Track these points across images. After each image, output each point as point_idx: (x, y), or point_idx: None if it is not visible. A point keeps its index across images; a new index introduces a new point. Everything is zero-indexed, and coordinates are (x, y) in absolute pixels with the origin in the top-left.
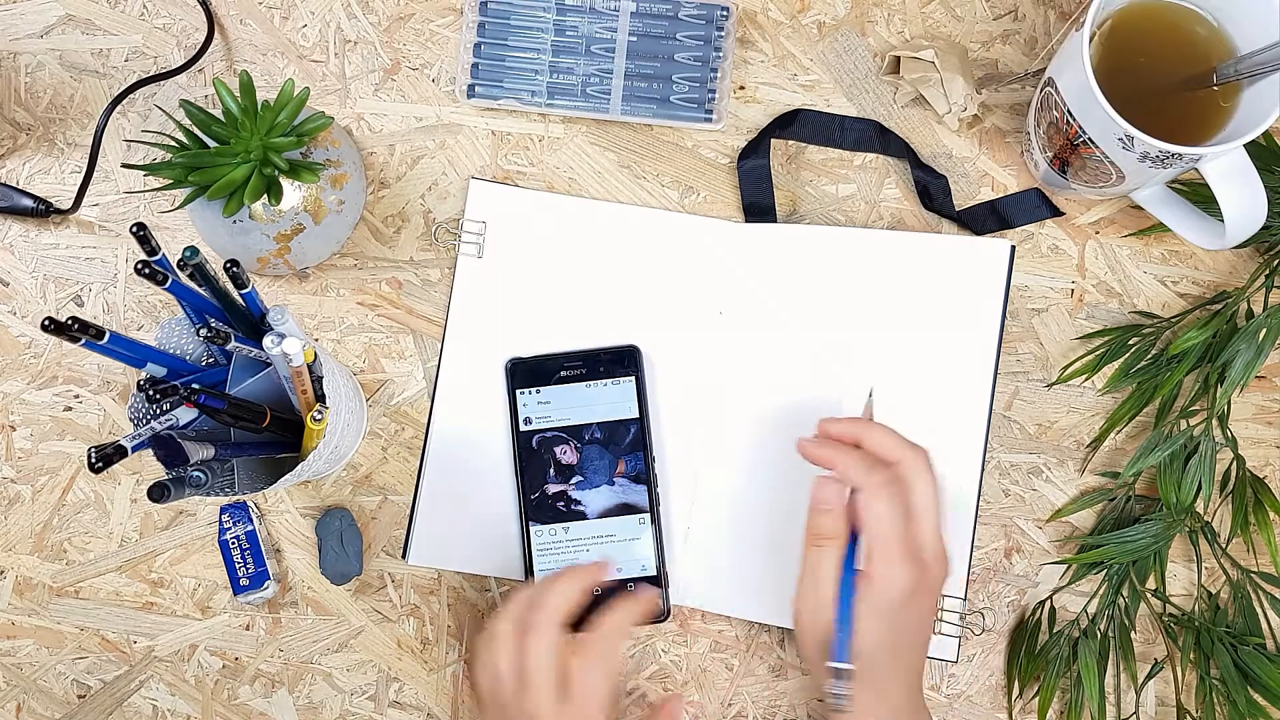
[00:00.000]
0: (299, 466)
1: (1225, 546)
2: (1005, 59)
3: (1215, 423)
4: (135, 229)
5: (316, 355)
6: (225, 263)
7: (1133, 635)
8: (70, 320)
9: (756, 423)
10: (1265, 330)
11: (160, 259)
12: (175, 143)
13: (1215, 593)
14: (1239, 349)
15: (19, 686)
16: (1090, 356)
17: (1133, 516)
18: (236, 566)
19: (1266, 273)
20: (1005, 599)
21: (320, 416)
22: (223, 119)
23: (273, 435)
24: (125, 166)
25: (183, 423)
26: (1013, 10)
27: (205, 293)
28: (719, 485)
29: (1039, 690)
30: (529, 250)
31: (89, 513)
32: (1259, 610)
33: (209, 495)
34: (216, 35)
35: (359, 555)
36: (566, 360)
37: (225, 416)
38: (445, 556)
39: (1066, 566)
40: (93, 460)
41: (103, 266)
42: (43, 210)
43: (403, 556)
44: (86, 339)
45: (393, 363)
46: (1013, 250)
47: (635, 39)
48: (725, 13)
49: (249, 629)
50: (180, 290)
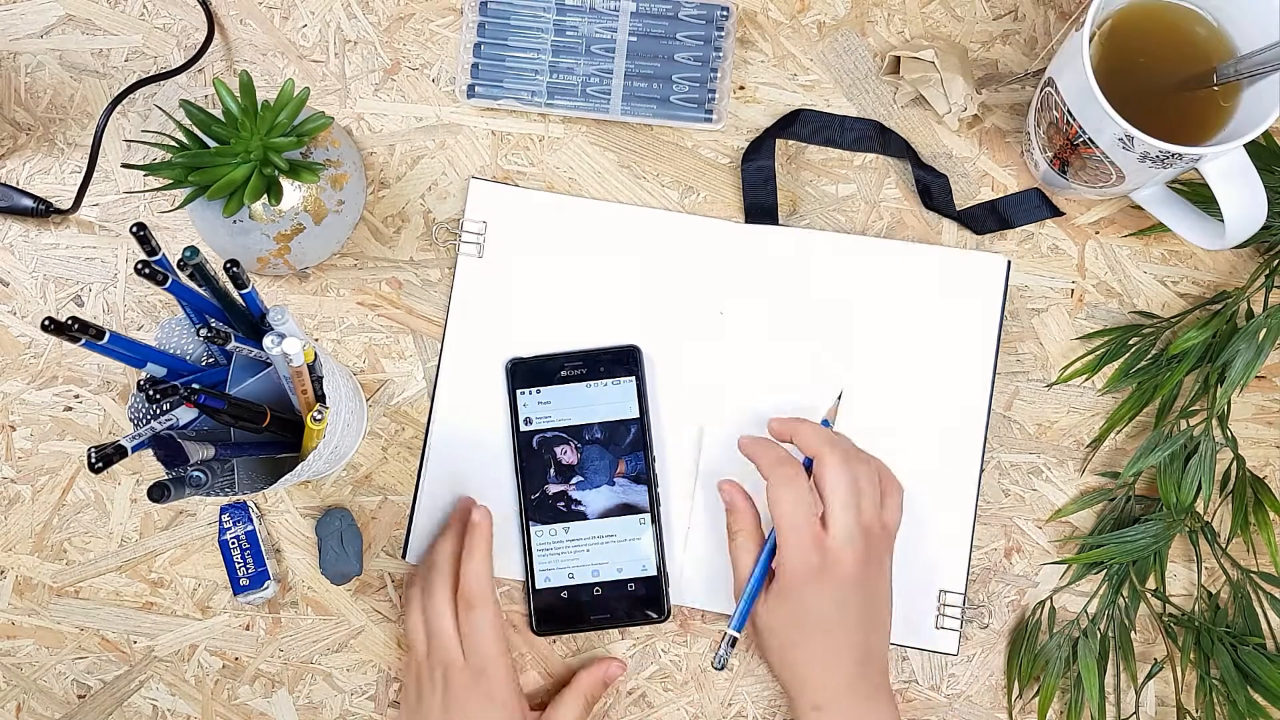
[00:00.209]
0: (299, 466)
1: (1225, 546)
2: (1005, 59)
3: (1215, 423)
4: (135, 229)
5: (316, 355)
6: (225, 263)
7: (1133, 635)
8: (70, 320)
9: (756, 423)
10: (1265, 330)
11: (160, 259)
12: (175, 143)
13: (1215, 593)
14: (1239, 349)
15: (19, 686)
16: (1090, 356)
17: (1133, 516)
18: (236, 566)
19: (1266, 273)
20: (1005, 599)
21: (320, 416)
22: (223, 119)
23: (273, 435)
24: (125, 166)
25: (183, 423)
26: (1013, 10)
27: (205, 293)
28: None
29: (1039, 690)
30: (529, 250)
31: (89, 513)
32: (1259, 610)
33: (209, 495)
34: (216, 35)
35: (359, 555)
36: (567, 360)
37: (225, 416)
38: None
39: (1066, 566)
40: (93, 460)
41: (103, 266)
42: (43, 210)
43: (403, 556)
44: (86, 339)
45: (393, 363)
46: (1009, 264)
47: (635, 39)
48: (725, 13)
49: (249, 629)
50: (180, 290)
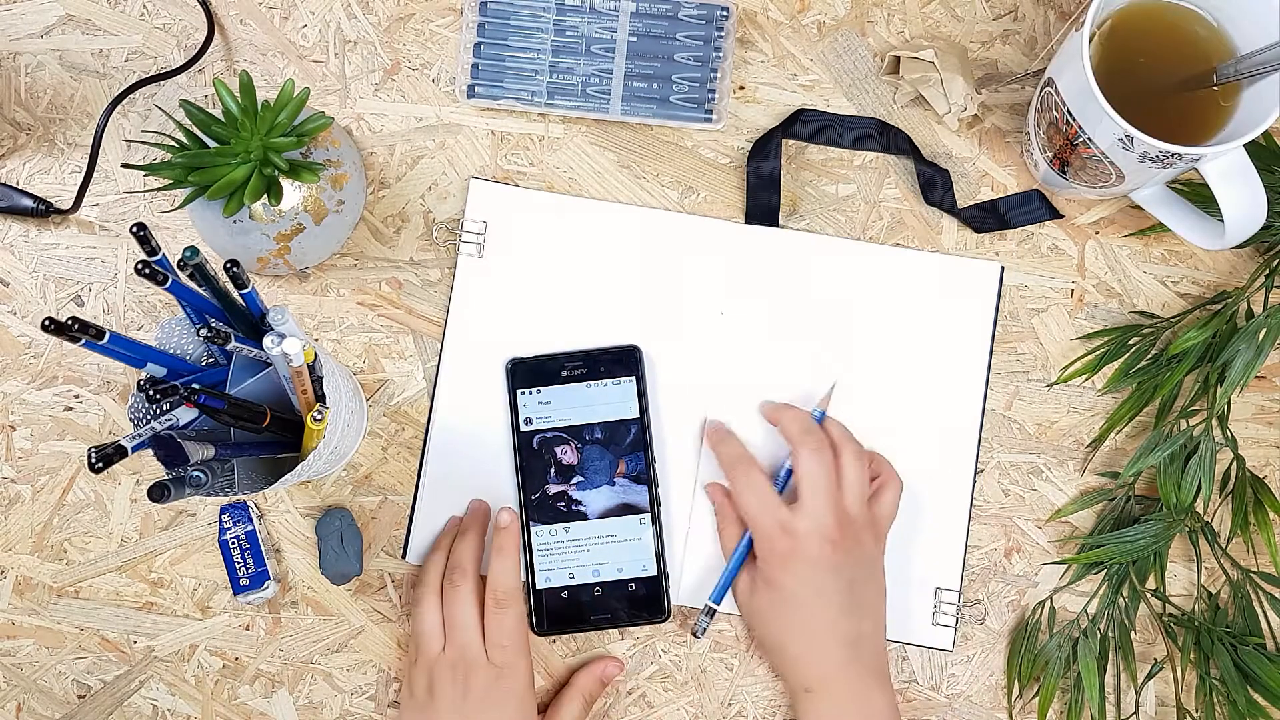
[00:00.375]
0: (299, 466)
1: (1225, 546)
2: (1005, 59)
3: (1215, 423)
4: (135, 229)
5: (316, 355)
6: (225, 263)
7: (1133, 635)
8: (70, 320)
9: (756, 422)
10: (1265, 330)
11: (160, 259)
12: (175, 143)
13: (1215, 593)
14: (1239, 349)
15: (19, 686)
16: (1090, 356)
17: (1133, 516)
18: (236, 566)
19: (1266, 273)
20: (1005, 599)
21: (320, 416)
22: (223, 119)
23: (273, 435)
24: (125, 166)
25: (183, 423)
26: (1013, 10)
27: (205, 293)
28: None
29: (1039, 690)
30: (529, 250)
31: (89, 513)
32: (1259, 610)
33: (209, 495)
34: (216, 35)
35: (359, 555)
36: (567, 360)
37: (225, 416)
38: None
39: (1066, 566)
40: (93, 460)
41: (103, 266)
42: (43, 210)
43: (403, 556)
44: (86, 339)
45: (393, 363)
46: (1003, 271)
47: (635, 39)
48: (725, 13)
49: (249, 629)
50: (180, 290)
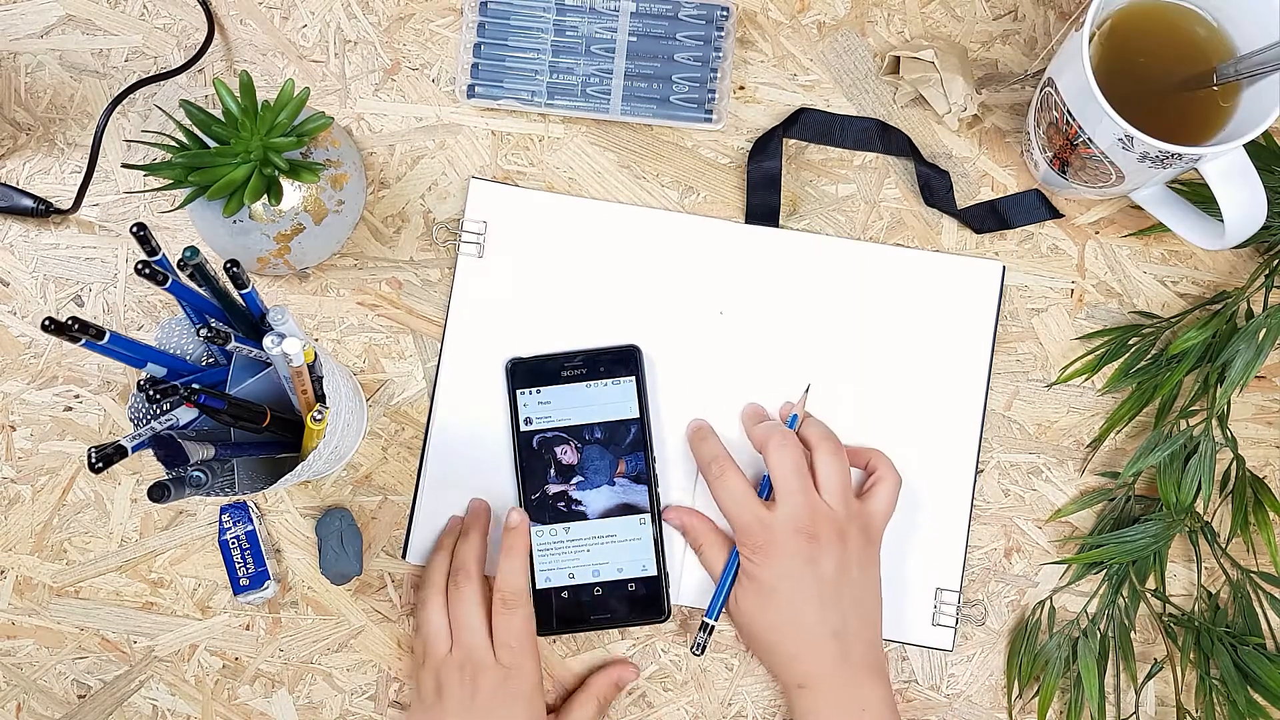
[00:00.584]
0: (299, 466)
1: (1225, 546)
2: (1005, 59)
3: (1215, 423)
4: (135, 229)
5: (316, 355)
6: (225, 263)
7: (1133, 635)
8: (70, 320)
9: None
10: (1265, 330)
11: (160, 259)
12: (175, 143)
13: (1215, 593)
14: (1239, 349)
15: (19, 686)
16: (1090, 356)
17: (1133, 516)
18: (236, 566)
19: (1266, 273)
20: (1005, 599)
21: (320, 416)
22: (223, 119)
23: (273, 435)
24: (125, 166)
25: (183, 423)
26: (1013, 10)
27: (205, 293)
28: None
29: (1039, 690)
30: (529, 250)
31: (89, 513)
32: (1259, 610)
33: (209, 495)
34: (216, 35)
35: (359, 555)
36: (567, 360)
37: (225, 416)
38: None
39: (1066, 566)
40: (93, 460)
41: (103, 266)
42: (43, 210)
43: (403, 556)
44: (86, 339)
45: (393, 363)
46: (1004, 270)
47: (635, 39)
48: (725, 13)
49: (249, 629)
50: (180, 290)
